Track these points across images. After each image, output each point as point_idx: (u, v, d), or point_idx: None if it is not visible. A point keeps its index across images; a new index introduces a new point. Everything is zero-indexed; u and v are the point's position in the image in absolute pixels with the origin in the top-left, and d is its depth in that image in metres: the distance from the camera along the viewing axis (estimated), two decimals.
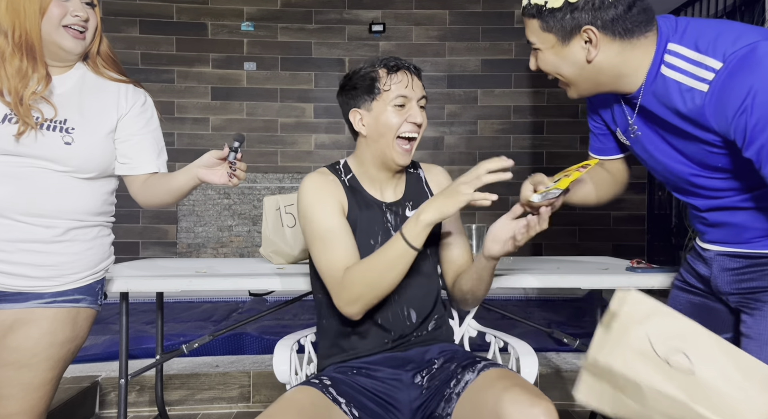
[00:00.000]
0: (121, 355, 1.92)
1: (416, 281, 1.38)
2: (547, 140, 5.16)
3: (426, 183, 1.49)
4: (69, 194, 1.30)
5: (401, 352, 1.36)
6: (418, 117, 1.34)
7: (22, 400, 1.26)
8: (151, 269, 2.07)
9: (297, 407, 1.13)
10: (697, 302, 1.35)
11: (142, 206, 1.49)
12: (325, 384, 1.24)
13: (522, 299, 4.58)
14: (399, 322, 1.36)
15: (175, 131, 5.03)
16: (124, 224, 5.15)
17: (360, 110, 1.37)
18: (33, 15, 1.26)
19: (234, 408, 2.64)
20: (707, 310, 1.32)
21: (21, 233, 1.25)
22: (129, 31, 4.97)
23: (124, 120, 1.39)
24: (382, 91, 1.33)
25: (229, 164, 1.33)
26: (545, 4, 1.12)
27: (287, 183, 5.12)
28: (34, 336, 1.27)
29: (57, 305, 1.30)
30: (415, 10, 5.19)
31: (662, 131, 1.20)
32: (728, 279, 1.25)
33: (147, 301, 4.15)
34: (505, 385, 1.11)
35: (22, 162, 1.25)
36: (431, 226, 1.21)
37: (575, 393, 1.08)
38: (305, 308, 4.05)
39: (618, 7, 1.09)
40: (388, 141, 1.34)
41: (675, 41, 1.10)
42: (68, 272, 1.32)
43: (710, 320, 1.31)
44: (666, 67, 1.11)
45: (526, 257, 2.53)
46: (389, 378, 1.32)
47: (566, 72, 1.18)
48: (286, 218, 2.13)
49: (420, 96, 1.36)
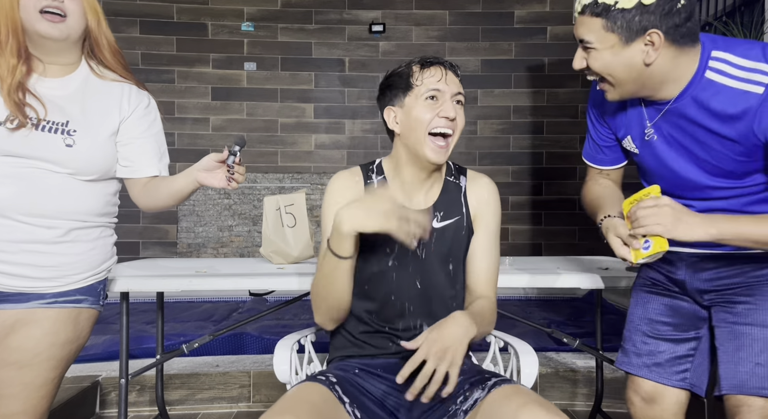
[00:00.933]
0: (121, 355, 1.92)
1: (431, 295, 1.34)
2: (547, 140, 5.15)
3: (464, 194, 1.40)
4: (70, 195, 1.29)
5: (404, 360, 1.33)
6: (451, 111, 1.29)
7: (24, 400, 1.26)
8: (152, 269, 2.07)
9: (308, 402, 1.11)
10: (669, 303, 1.43)
11: (143, 209, 1.49)
12: (332, 381, 1.22)
13: (522, 299, 4.58)
14: (408, 333, 1.32)
15: (175, 131, 5.03)
16: (124, 224, 5.13)
17: (394, 107, 1.34)
18: (9, 6, 1.25)
19: (234, 407, 2.64)
20: (679, 309, 1.41)
21: (23, 233, 1.25)
22: (129, 31, 4.97)
23: (127, 123, 1.39)
24: (414, 86, 1.30)
25: (227, 168, 1.33)
26: (615, 3, 1.14)
27: (287, 183, 5.12)
28: (36, 336, 1.26)
29: (59, 305, 1.30)
30: (415, 11, 5.19)
31: (683, 136, 1.25)
32: (701, 278, 1.34)
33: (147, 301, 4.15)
34: (522, 401, 1.08)
35: (23, 163, 1.25)
36: (351, 236, 1.16)
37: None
38: (305, 309, 4.04)
39: (682, 15, 1.13)
40: (420, 137, 1.28)
41: (720, 49, 1.18)
42: (70, 272, 1.31)
43: (682, 318, 1.41)
44: (712, 72, 1.17)
45: (526, 257, 2.53)
46: (390, 384, 1.28)
47: (619, 73, 1.20)
48: (287, 218, 2.13)
49: (455, 92, 1.32)
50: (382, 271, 1.33)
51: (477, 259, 1.38)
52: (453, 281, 1.36)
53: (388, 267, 1.33)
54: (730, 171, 1.23)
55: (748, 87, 1.14)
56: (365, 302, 1.35)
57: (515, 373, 1.40)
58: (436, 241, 1.34)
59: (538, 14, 5.16)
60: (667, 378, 1.42)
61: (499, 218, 1.41)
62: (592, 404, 2.37)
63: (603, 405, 2.34)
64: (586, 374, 2.65)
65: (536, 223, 5.16)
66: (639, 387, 1.46)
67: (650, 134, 1.29)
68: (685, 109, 1.21)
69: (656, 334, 1.43)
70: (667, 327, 1.42)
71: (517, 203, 5.13)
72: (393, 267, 1.33)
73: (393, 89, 1.34)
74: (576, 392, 2.65)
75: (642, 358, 1.45)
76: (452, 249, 1.36)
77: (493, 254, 1.40)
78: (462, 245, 1.37)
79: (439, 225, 1.25)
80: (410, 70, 1.32)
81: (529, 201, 5.15)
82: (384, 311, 1.34)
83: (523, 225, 5.14)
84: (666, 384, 1.43)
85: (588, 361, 2.74)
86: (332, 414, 1.13)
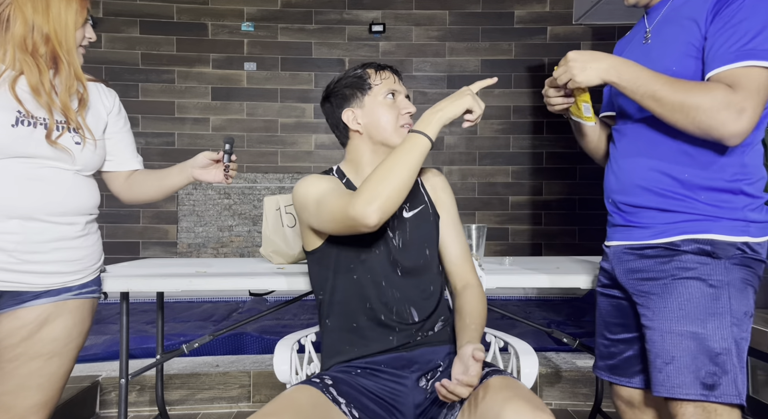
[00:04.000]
0: (121, 355, 1.92)
1: (413, 281, 1.39)
2: (547, 140, 5.15)
3: (422, 185, 1.51)
4: (82, 191, 1.37)
5: (407, 352, 1.35)
6: (411, 106, 1.43)
7: (47, 391, 1.33)
8: (152, 268, 2.07)
9: (295, 407, 1.13)
10: (615, 303, 1.41)
11: (126, 202, 1.59)
12: (326, 383, 1.23)
13: (522, 299, 4.59)
14: (402, 320, 1.36)
15: (175, 131, 5.04)
16: (124, 224, 5.17)
17: (353, 108, 1.42)
18: (65, 25, 1.33)
19: (234, 407, 2.64)
20: (623, 309, 1.39)
21: (52, 233, 1.31)
22: (129, 31, 4.98)
23: (110, 118, 1.47)
24: (372, 86, 1.41)
25: (224, 166, 1.51)
26: None
27: (287, 183, 5.12)
28: (68, 326, 1.35)
29: (82, 296, 1.39)
30: (415, 11, 5.19)
31: (672, 26, 1.28)
32: (623, 271, 1.33)
33: (147, 301, 4.16)
34: (508, 396, 1.11)
35: (41, 164, 1.30)
36: (445, 124, 1.24)
37: None
38: (305, 309, 4.05)
39: None
40: (389, 129, 1.40)
41: None
42: (89, 264, 1.41)
43: (627, 317, 1.38)
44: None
45: (526, 257, 2.53)
46: (393, 379, 1.31)
47: None
48: (287, 218, 2.13)
49: (406, 93, 1.46)
50: (363, 261, 1.36)
51: (449, 245, 1.48)
52: (430, 265, 1.44)
53: (368, 256, 1.37)
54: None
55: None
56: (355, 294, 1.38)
57: (515, 373, 1.40)
58: (410, 228, 1.42)
59: (538, 14, 5.16)
60: (628, 380, 1.39)
61: (455, 203, 1.53)
62: (592, 404, 2.37)
63: (603, 405, 2.34)
64: (586, 374, 2.65)
65: (536, 223, 5.16)
66: (617, 392, 1.45)
67: (648, 37, 1.33)
68: (667, 11, 1.29)
69: (612, 336, 1.41)
70: (619, 327, 1.40)
71: (517, 203, 5.13)
72: (374, 256, 1.37)
73: (347, 91, 1.42)
74: (576, 392, 2.66)
75: (604, 361, 1.44)
76: (426, 235, 1.44)
77: (461, 236, 1.50)
78: (433, 230, 1.46)
79: (410, 214, 1.33)
80: (364, 73, 1.43)
81: (529, 201, 5.15)
82: (374, 302, 1.36)
83: (523, 225, 5.14)
84: (627, 386, 1.40)
85: (588, 361, 2.74)
86: (322, 418, 1.14)
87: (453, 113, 1.24)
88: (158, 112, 5.00)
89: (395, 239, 1.39)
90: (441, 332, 1.40)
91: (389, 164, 1.20)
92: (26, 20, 1.28)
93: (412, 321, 1.37)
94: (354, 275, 1.37)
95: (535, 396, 1.12)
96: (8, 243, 1.25)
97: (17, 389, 1.30)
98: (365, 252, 1.37)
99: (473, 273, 1.48)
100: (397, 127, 1.40)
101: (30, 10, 1.28)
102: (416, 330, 1.37)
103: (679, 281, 1.22)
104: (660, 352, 1.21)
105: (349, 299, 1.38)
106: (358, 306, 1.37)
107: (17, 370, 1.30)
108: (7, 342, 1.29)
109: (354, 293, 1.38)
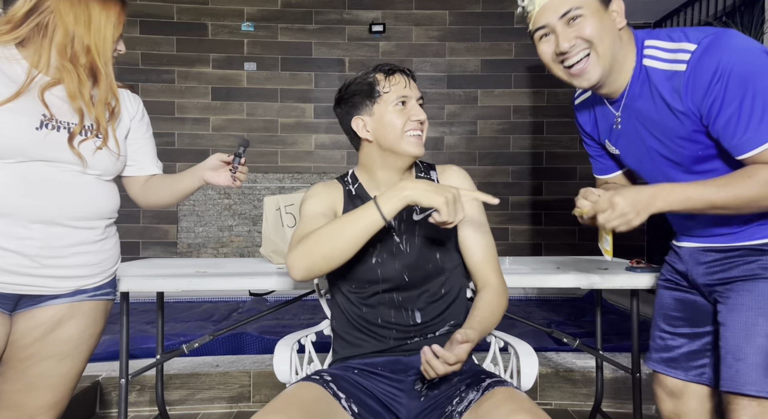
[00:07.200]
0: (121, 355, 1.92)
1: (420, 284, 1.37)
2: (547, 140, 5.15)
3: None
4: (101, 195, 1.37)
5: (404, 357, 1.34)
6: (421, 113, 1.37)
7: (57, 391, 1.33)
8: (152, 269, 2.07)
9: (299, 402, 1.13)
10: (680, 297, 1.45)
11: (142, 206, 1.58)
12: (326, 379, 1.24)
13: (522, 299, 4.59)
14: (402, 321, 1.36)
15: (175, 131, 5.04)
16: (124, 224, 5.15)
17: (362, 116, 1.39)
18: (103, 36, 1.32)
19: (234, 407, 2.64)
20: (690, 304, 1.43)
21: (73, 237, 1.31)
22: (129, 31, 4.97)
23: (132, 123, 1.47)
24: (382, 94, 1.36)
25: (232, 167, 1.49)
26: None
27: (287, 183, 5.12)
28: (81, 328, 1.35)
29: (96, 298, 1.39)
30: (415, 11, 5.19)
31: (642, 128, 1.31)
32: (702, 272, 1.37)
33: (147, 301, 4.16)
34: (511, 408, 1.09)
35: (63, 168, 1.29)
36: (406, 204, 1.19)
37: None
38: (305, 309, 4.05)
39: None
40: (397, 138, 1.36)
41: (651, 38, 1.26)
42: (107, 267, 1.41)
43: (694, 312, 1.43)
44: (648, 59, 1.25)
45: (526, 257, 2.53)
46: (389, 383, 1.31)
47: (605, 38, 1.23)
48: (287, 218, 2.13)
49: (418, 96, 1.40)
50: (369, 267, 1.36)
51: (469, 246, 1.42)
52: (441, 269, 1.39)
53: (374, 264, 1.36)
54: (692, 157, 1.26)
55: (674, 67, 1.20)
56: (357, 299, 1.38)
57: (515, 373, 1.40)
58: (419, 232, 1.39)
59: None
60: (683, 373, 1.43)
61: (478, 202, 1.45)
62: (592, 404, 2.37)
63: (603, 405, 2.34)
64: (586, 374, 2.65)
65: (536, 223, 5.16)
66: (661, 381, 1.48)
67: (618, 122, 1.35)
68: (635, 101, 1.29)
69: (672, 329, 1.45)
70: (681, 321, 1.43)
71: (517, 203, 5.13)
72: (378, 264, 1.36)
73: (357, 98, 1.39)
74: (576, 392, 2.66)
75: (660, 354, 1.47)
76: (436, 238, 1.40)
77: (484, 236, 1.43)
78: (444, 232, 1.39)
79: (419, 217, 1.27)
80: (374, 79, 1.38)
81: (529, 201, 5.15)
82: (376, 306, 1.36)
83: (523, 225, 5.14)
84: (683, 379, 1.43)
85: (588, 361, 2.74)
86: (326, 412, 1.15)
87: (421, 201, 1.17)
88: (158, 112, 5.00)
89: (402, 244, 1.38)
90: (444, 336, 1.37)
91: (335, 228, 1.21)
92: (67, 30, 1.26)
93: (413, 323, 1.36)
94: (354, 281, 1.38)
95: (539, 409, 1.11)
96: (31, 248, 1.25)
97: (28, 388, 1.30)
98: (370, 255, 1.36)
99: (495, 274, 1.42)
100: (404, 134, 1.36)
101: (72, 21, 1.26)
102: (415, 332, 1.36)
103: (763, 281, 1.26)
104: (732, 349, 1.25)
105: (349, 300, 1.39)
106: (358, 306, 1.38)
107: (29, 370, 1.30)
108: (21, 342, 1.30)
109: (354, 294, 1.38)
